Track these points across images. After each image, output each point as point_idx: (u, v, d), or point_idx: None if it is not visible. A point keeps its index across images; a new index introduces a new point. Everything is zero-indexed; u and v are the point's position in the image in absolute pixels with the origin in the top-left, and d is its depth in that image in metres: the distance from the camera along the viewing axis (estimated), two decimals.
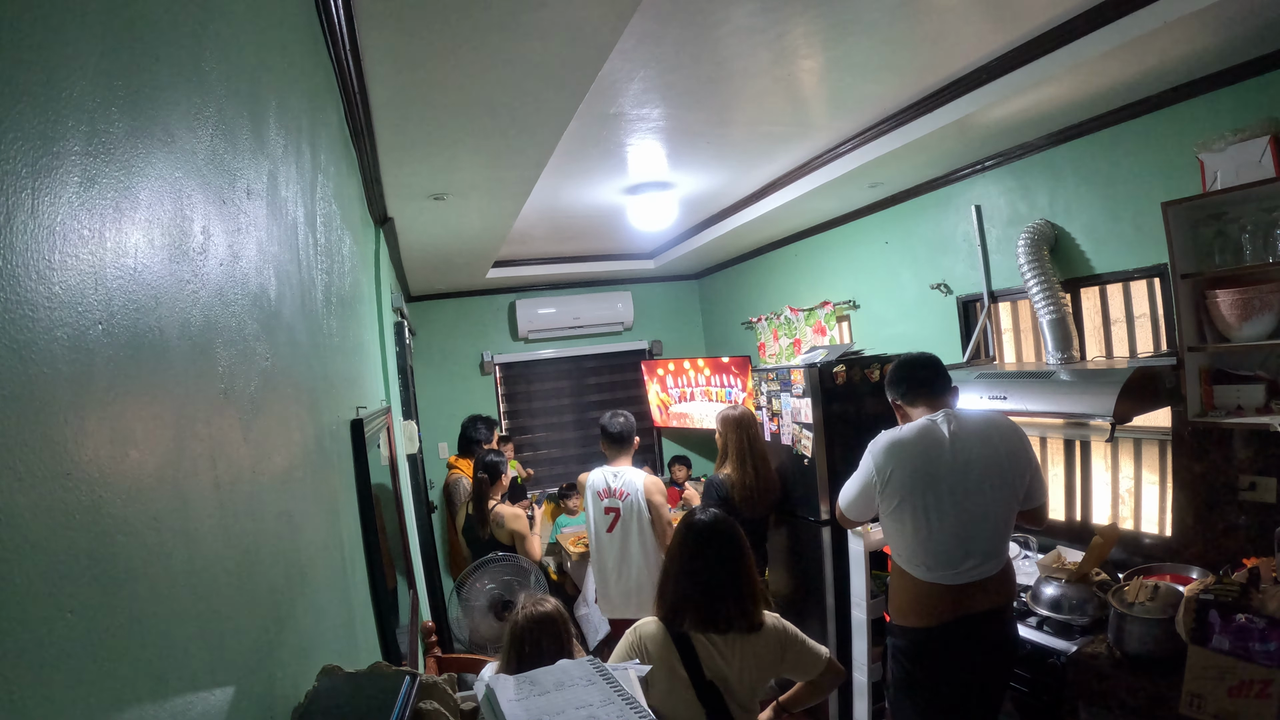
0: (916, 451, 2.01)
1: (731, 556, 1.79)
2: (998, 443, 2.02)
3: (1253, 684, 1.67)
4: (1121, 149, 2.50)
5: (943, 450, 2.00)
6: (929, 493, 1.99)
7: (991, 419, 2.11)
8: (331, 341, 1.35)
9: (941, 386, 2.15)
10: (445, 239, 3.53)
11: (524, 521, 3.64)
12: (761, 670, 1.78)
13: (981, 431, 2.03)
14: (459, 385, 5.45)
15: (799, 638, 1.83)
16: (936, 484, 1.98)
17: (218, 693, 0.55)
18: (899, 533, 2.06)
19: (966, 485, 1.98)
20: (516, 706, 0.93)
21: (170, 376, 0.52)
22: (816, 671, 1.84)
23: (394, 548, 2.02)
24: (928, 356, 2.21)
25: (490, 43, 1.59)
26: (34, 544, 0.33)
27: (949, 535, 1.98)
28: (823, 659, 1.84)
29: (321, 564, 1.01)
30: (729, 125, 2.67)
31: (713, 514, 1.88)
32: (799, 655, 1.82)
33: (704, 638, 1.74)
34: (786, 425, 3.28)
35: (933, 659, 2.03)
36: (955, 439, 2.01)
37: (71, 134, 0.40)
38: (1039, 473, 2.10)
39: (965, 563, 1.98)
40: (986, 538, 1.99)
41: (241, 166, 0.77)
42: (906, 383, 2.17)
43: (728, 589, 1.76)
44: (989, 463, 1.99)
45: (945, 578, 1.99)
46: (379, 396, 2.36)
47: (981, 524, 1.98)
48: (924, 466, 2.00)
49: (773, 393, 3.38)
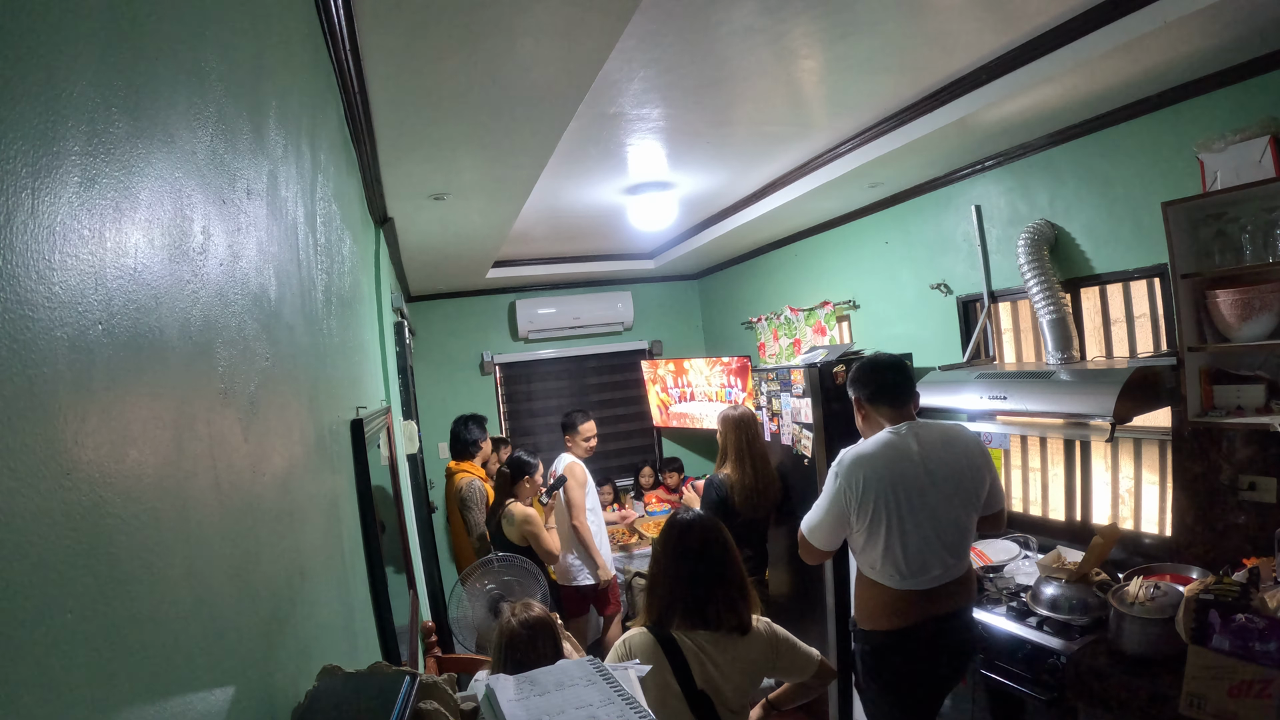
0: (883, 464, 2.05)
1: (716, 555, 1.78)
2: (960, 453, 2.10)
3: (1253, 684, 1.67)
4: (1121, 149, 2.50)
5: (910, 463, 2.05)
6: (899, 504, 2.02)
7: (952, 431, 2.17)
8: (331, 341, 1.35)
9: (907, 392, 2.18)
10: (445, 239, 3.53)
11: (537, 523, 3.58)
12: (753, 674, 1.77)
13: (944, 443, 2.10)
14: (459, 385, 5.45)
15: (790, 640, 1.83)
16: (906, 495, 2.03)
17: (218, 693, 0.55)
18: (871, 546, 2.08)
19: (934, 495, 2.04)
20: (516, 706, 0.93)
21: (170, 376, 0.52)
22: (809, 674, 1.83)
23: (394, 548, 2.03)
24: (896, 360, 2.23)
25: (490, 42, 1.59)
26: (34, 544, 0.33)
27: (919, 544, 2.03)
28: (814, 661, 1.84)
29: (321, 564, 1.01)
30: (729, 125, 2.67)
31: (695, 513, 1.88)
32: (791, 658, 1.81)
33: (694, 643, 1.72)
34: (786, 425, 3.28)
35: (899, 658, 2.09)
36: (921, 451, 2.06)
37: (71, 134, 0.40)
38: (998, 481, 2.20)
39: (934, 569, 2.05)
40: (953, 544, 2.06)
41: (241, 166, 0.77)
42: (874, 385, 2.18)
43: (715, 587, 1.75)
44: (952, 473, 2.07)
45: (916, 584, 2.05)
46: (379, 396, 2.36)
47: (948, 532, 2.05)
48: (891, 479, 2.03)
49: (773, 393, 3.38)
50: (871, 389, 2.18)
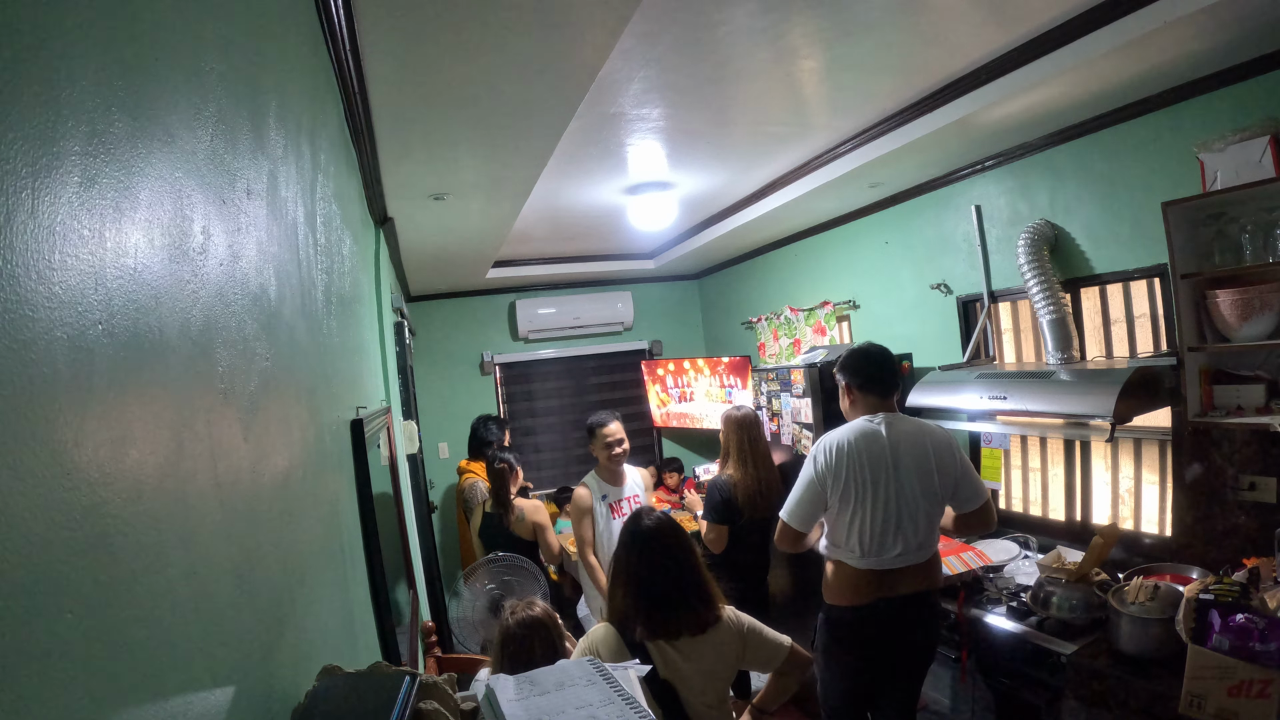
0: (855, 445, 2.20)
1: (678, 560, 1.77)
2: (927, 446, 2.19)
3: (1253, 684, 1.67)
4: (1121, 149, 2.50)
5: (880, 449, 2.18)
6: (865, 486, 2.16)
7: (925, 426, 2.28)
8: (331, 341, 1.35)
9: (894, 384, 2.33)
10: (445, 239, 3.53)
11: (544, 513, 3.62)
12: (724, 664, 1.76)
13: (914, 435, 2.21)
14: (459, 385, 5.45)
15: (756, 627, 1.82)
16: (873, 475, 2.16)
17: (218, 693, 0.55)
18: (840, 522, 2.22)
19: (898, 479, 2.16)
20: (516, 706, 0.93)
21: (170, 376, 0.52)
22: (779, 660, 1.82)
23: (393, 547, 2.02)
24: (886, 355, 2.34)
25: (490, 42, 1.59)
26: (34, 544, 0.33)
27: (881, 523, 2.16)
28: (784, 647, 1.83)
29: (321, 564, 1.01)
30: (729, 125, 2.67)
31: (656, 517, 1.86)
32: (759, 646, 1.80)
33: (655, 645, 1.71)
34: (786, 425, 3.28)
35: (854, 633, 2.22)
36: (891, 440, 2.19)
37: (71, 134, 0.40)
38: (970, 479, 2.24)
39: (893, 549, 2.16)
40: (913, 528, 2.16)
41: (241, 166, 0.77)
42: (864, 375, 2.31)
43: (673, 596, 1.73)
44: (918, 462, 2.17)
45: (875, 564, 2.17)
46: (379, 396, 2.36)
47: (909, 515, 2.16)
48: (861, 458, 2.18)
49: (773, 393, 3.38)
50: (863, 379, 2.30)
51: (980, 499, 2.24)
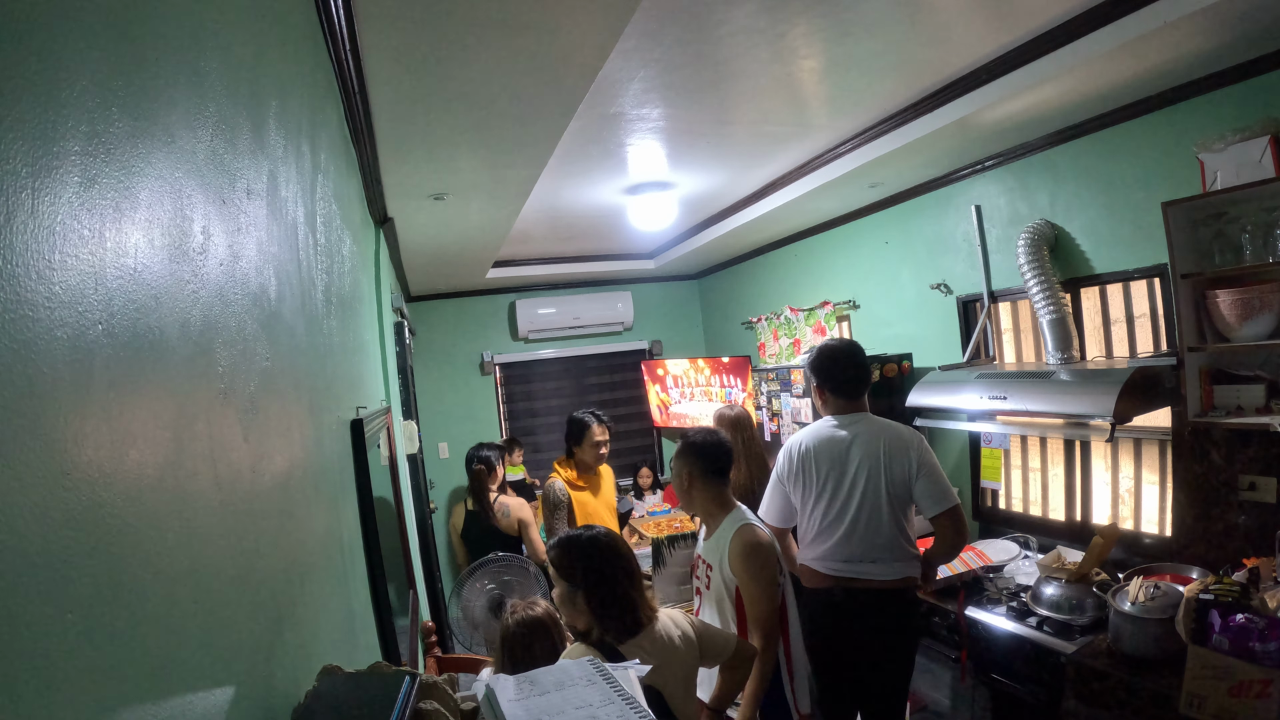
0: (814, 444, 2.28)
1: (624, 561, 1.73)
2: (880, 447, 2.21)
3: (1253, 684, 1.67)
4: (1121, 149, 2.50)
5: (837, 450, 2.24)
6: (823, 484, 2.24)
7: (887, 426, 2.27)
8: (331, 341, 1.35)
9: (864, 385, 2.33)
10: (445, 239, 3.53)
11: (529, 510, 3.78)
12: (688, 668, 1.75)
13: (871, 436, 2.23)
14: (459, 385, 5.45)
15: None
16: (829, 470, 2.24)
17: (218, 693, 0.55)
18: (800, 520, 2.32)
19: (851, 482, 2.21)
20: (516, 706, 0.93)
21: (170, 376, 0.52)
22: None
23: (393, 547, 2.02)
24: (854, 355, 2.34)
25: (490, 42, 1.59)
26: (34, 544, 0.33)
27: (829, 523, 2.23)
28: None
29: (321, 564, 1.01)
30: (729, 125, 2.67)
31: (592, 528, 1.81)
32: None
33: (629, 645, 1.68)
34: (786, 425, 3.28)
35: (806, 615, 2.26)
36: (850, 437, 2.24)
37: (71, 134, 0.40)
38: (930, 482, 2.18)
39: (844, 548, 2.21)
40: (865, 522, 2.19)
41: (241, 166, 0.77)
42: (836, 380, 2.32)
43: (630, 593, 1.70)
44: (870, 463, 2.20)
45: (824, 552, 2.24)
46: (379, 396, 2.36)
47: (868, 517, 2.19)
48: (818, 455, 2.25)
49: (773, 393, 3.38)
50: (834, 383, 2.33)
51: (941, 505, 2.16)
